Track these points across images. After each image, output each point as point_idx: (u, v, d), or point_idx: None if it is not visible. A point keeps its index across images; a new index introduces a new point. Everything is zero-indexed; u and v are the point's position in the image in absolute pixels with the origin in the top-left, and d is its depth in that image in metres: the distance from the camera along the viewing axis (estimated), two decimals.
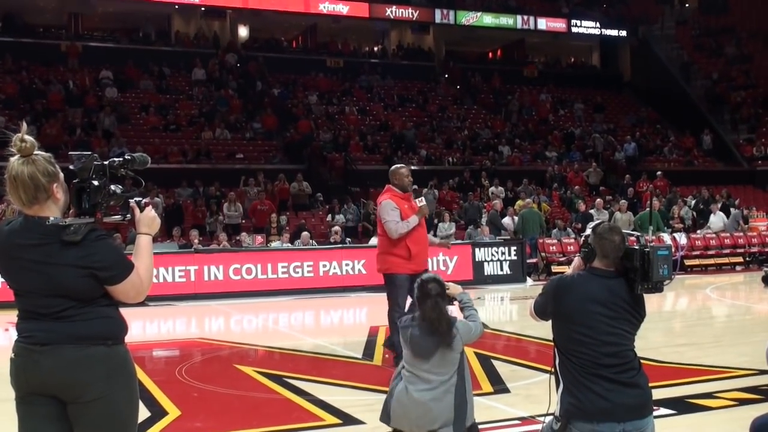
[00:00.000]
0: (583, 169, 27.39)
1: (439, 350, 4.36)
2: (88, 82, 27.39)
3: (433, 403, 4.32)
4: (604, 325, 3.75)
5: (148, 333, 11.86)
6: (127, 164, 3.31)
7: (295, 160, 25.68)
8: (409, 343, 4.44)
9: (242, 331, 12.11)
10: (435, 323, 4.36)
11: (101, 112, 25.22)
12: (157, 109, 26.73)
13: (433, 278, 4.46)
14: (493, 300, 15.49)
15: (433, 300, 4.39)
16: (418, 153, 27.15)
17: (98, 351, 3.06)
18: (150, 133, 25.51)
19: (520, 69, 36.68)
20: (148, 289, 3.20)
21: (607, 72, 38.74)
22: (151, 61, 29.35)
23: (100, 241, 3.08)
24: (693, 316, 13.06)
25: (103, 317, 3.10)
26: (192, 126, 26.45)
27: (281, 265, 16.00)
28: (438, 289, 4.42)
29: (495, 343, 9.95)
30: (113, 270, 3.08)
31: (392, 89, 32.48)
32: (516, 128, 31.05)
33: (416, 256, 7.85)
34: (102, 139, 23.75)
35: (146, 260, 3.22)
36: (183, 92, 28.64)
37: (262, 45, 33.45)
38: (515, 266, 17.72)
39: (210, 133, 25.98)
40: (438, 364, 4.37)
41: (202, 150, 24.64)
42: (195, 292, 15.23)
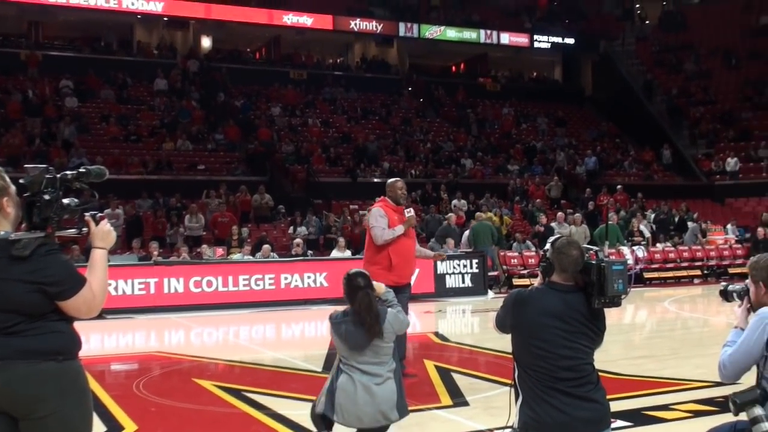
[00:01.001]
0: (545, 182, 27.63)
1: (373, 341, 4.43)
2: (48, 91, 27.08)
3: (378, 388, 4.39)
4: (560, 339, 3.78)
5: (106, 346, 11.71)
6: (81, 177, 3.27)
7: (258, 172, 25.59)
8: (343, 339, 4.49)
9: (202, 345, 12.00)
10: (364, 314, 4.41)
11: (61, 122, 24.93)
12: (118, 119, 26.47)
13: (359, 272, 4.55)
14: (455, 313, 15.52)
15: (363, 291, 4.45)
16: (381, 165, 27.19)
17: (49, 367, 3.01)
18: (110, 144, 25.25)
19: (483, 83, 36.94)
20: (101, 305, 3.15)
21: (568, 86, 39.18)
22: (112, 71, 29.10)
23: (49, 255, 3.04)
24: (652, 328, 13.20)
25: (54, 332, 3.05)
26: (153, 137, 26.24)
27: (242, 277, 15.90)
28: (365, 281, 4.50)
29: (455, 355, 9.97)
30: (63, 285, 3.04)
31: (355, 101, 32.52)
32: (478, 141, 31.24)
33: (397, 266, 7.79)
34: (61, 150, 23.46)
35: (100, 275, 3.17)
36: (144, 102, 28.41)
37: (226, 56, 33.34)
38: (476, 279, 17.79)
39: (171, 143, 25.79)
40: (374, 355, 4.43)
41: (163, 161, 24.45)
42: (155, 304, 15.07)
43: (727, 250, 22.03)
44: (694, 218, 24.65)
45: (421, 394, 7.31)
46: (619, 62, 37.28)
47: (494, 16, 38.44)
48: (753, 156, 30.87)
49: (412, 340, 11.74)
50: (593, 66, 38.78)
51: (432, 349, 10.48)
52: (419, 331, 12.92)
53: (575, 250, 3.89)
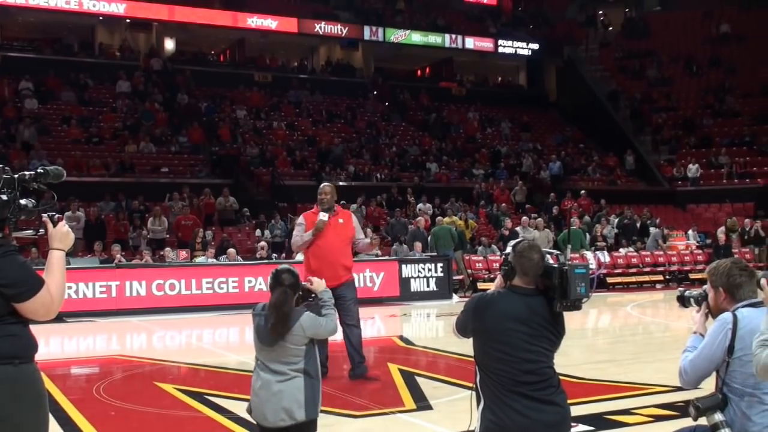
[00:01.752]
0: (510, 186, 27.79)
1: (280, 340, 4.38)
2: (8, 93, 26.67)
3: (279, 385, 4.34)
4: (523, 343, 3.79)
5: (66, 350, 11.56)
6: (39, 177, 3.22)
7: (222, 175, 25.44)
8: (255, 331, 4.46)
9: (165, 348, 11.90)
10: (272, 310, 4.37)
11: (20, 124, 24.56)
12: (80, 121, 26.17)
13: (288, 269, 4.50)
14: (419, 316, 15.55)
15: (281, 289, 4.40)
16: (346, 169, 27.17)
17: (4, 371, 2.96)
18: (71, 146, 24.95)
19: (448, 87, 37.08)
20: (59, 307, 3.11)
21: (533, 91, 39.48)
22: (73, 73, 28.75)
23: (6, 257, 2.99)
24: (614, 333, 13.32)
25: (9, 335, 3.00)
26: (115, 139, 25.97)
27: (206, 280, 15.81)
28: (291, 280, 4.44)
29: (419, 359, 9.98)
30: (20, 287, 2.99)
31: (321, 105, 32.48)
32: (444, 145, 31.35)
33: (317, 270, 7.81)
34: (21, 152, 23.12)
35: (58, 277, 3.13)
36: (106, 104, 28.12)
37: (190, 58, 33.14)
38: (441, 283, 17.85)
39: (134, 146, 25.55)
40: (283, 353, 4.38)
41: (125, 163, 24.21)
42: (116, 308, 14.94)
43: (688, 256, 22.33)
44: (657, 224, 24.94)
45: (384, 397, 7.31)
46: (582, 68, 37.65)
47: (459, 21, 38.63)
48: (714, 162, 31.31)
49: (377, 343, 11.76)
50: (557, 71, 39.11)
51: (396, 352, 10.49)
52: (384, 335, 12.92)
53: (536, 254, 3.90)
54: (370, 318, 14.78)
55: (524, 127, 34.83)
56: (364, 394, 7.43)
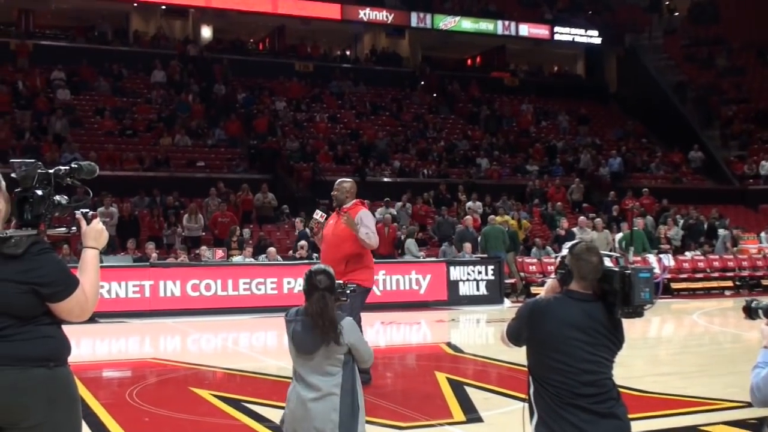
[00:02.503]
0: (566, 184, 27.58)
1: (322, 347, 4.35)
2: (39, 83, 27.17)
3: (313, 404, 4.32)
4: (582, 352, 3.76)
5: (98, 352, 11.75)
6: (73, 173, 3.28)
7: (260, 170, 25.64)
8: (292, 339, 4.44)
9: (200, 352, 12.03)
10: (317, 318, 4.33)
11: (52, 116, 25.02)
12: (113, 112, 26.57)
13: (323, 270, 4.46)
14: (468, 322, 15.51)
15: (319, 293, 4.37)
16: (391, 164, 27.20)
17: (39, 373, 3.02)
18: (105, 139, 25.34)
19: (500, 77, 36.91)
20: (93, 308, 3.17)
21: (592, 82, 39.12)
22: (107, 62, 29.18)
23: (43, 254, 3.05)
24: (679, 343, 13.15)
25: (44, 337, 3.06)
26: (150, 131, 26.32)
27: (243, 281, 15.94)
28: (327, 282, 4.41)
29: (468, 368, 9.96)
30: (56, 286, 3.05)
31: (364, 96, 32.55)
32: (495, 140, 31.22)
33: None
34: (52, 144, 23.56)
35: (92, 276, 3.18)
36: (141, 95, 28.50)
37: (227, 47, 33.42)
38: (492, 286, 17.78)
39: (169, 139, 25.87)
40: (321, 363, 4.36)
41: (160, 157, 24.52)
42: (150, 308, 15.13)
43: (760, 260, 21.92)
44: (726, 225, 24.54)
45: (432, 408, 7.31)
46: (645, 57, 37.18)
47: (512, 7, 38.39)
48: None
49: (423, 350, 11.76)
50: (618, 61, 38.69)
51: (444, 360, 10.48)
52: (431, 341, 12.92)
53: (595, 257, 3.86)
54: (416, 323, 14.80)
55: (582, 120, 34.54)
56: (410, 404, 7.43)
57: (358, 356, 4.48)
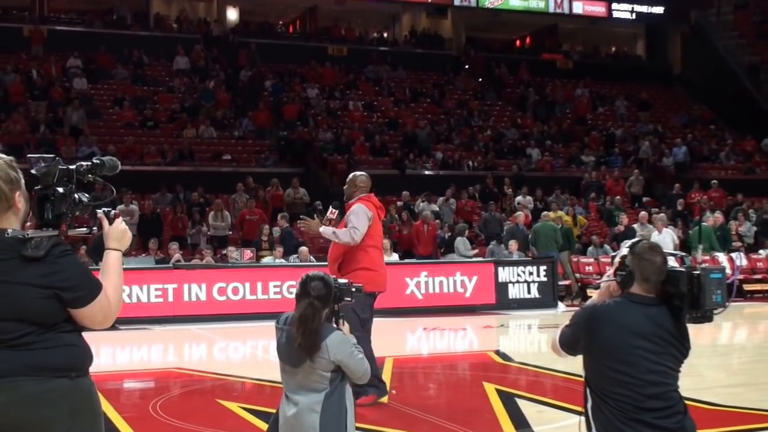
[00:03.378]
0: (625, 176, 27.36)
1: (307, 361, 4.32)
2: (54, 71, 27.52)
3: (293, 420, 4.32)
4: (645, 362, 3.73)
5: (118, 361, 11.87)
6: (95, 169, 3.30)
7: (291, 163, 25.76)
8: (277, 349, 4.45)
9: (227, 361, 12.11)
10: (298, 326, 4.29)
11: (68, 106, 25.33)
12: (133, 102, 26.85)
13: (320, 277, 4.43)
14: (519, 328, 15.45)
15: (308, 301, 4.34)
16: (433, 156, 27.18)
17: (61, 384, 3.04)
18: (124, 131, 25.61)
19: (552, 59, 36.71)
20: (117, 314, 3.19)
21: (653, 64, 38.75)
22: (126, 48, 29.48)
23: (65, 257, 3.07)
24: (752, 350, 13.00)
25: (66, 345, 3.09)
26: (172, 122, 26.56)
27: (273, 284, 15.99)
28: (321, 290, 4.36)
29: (519, 378, 9.93)
30: (79, 291, 3.07)
31: (404, 81, 32.56)
32: (547, 128, 31.06)
33: None
34: (69, 137, 23.86)
35: (115, 280, 3.21)
36: (162, 83, 28.77)
37: (255, 30, 33.60)
38: (545, 289, 17.68)
39: (193, 130, 26.07)
40: (307, 378, 4.34)
41: (183, 150, 24.72)
42: (173, 314, 15.24)
43: None
44: None
45: (480, 421, 7.30)
46: (713, 35, 36.75)
47: None
48: None
49: (470, 359, 11.75)
50: (683, 39, 38.29)
51: (492, 369, 10.46)
52: (477, 349, 12.90)
53: (658, 256, 3.83)
54: (461, 329, 14.79)
55: (643, 105, 34.24)
56: (456, 418, 7.43)
57: (349, 373, 4.42)
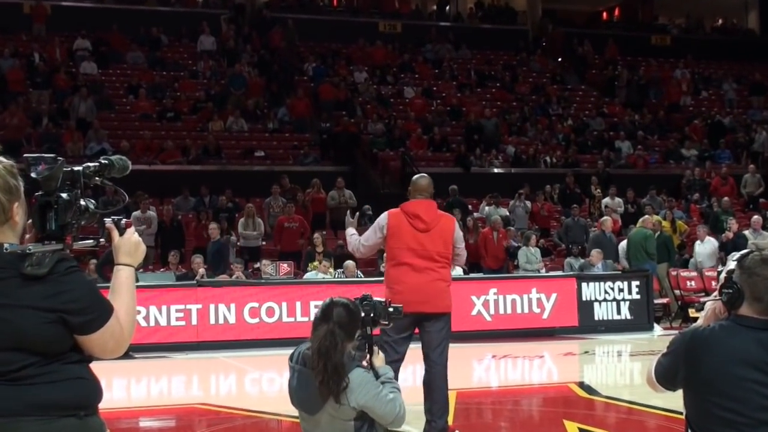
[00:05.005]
0: (736, 173, 27.04)
1: (327, 406, 4.27)
2: (59, 54, 27.82)
3: None
4: (757, 397, 3.70)
5: (134, 396, 11.98)
6: (104, 170, 3.29)
7: (335, 161, 25.81)
8: (289, 393, 4.43)
9: (260, 395, 12.18)
10: (317, 360, 4.24)
11: (75, 95, 25.60)
12: (150, 90, 27.09)
13: (344, 303, 4.41)
14: (607, 355, 15.34)
15: (328, 328, 4.30)
16: (503, 150, 27.09)
17: (69, 425, 3.04)
18: (140, 124, 25.88)
19: (646, 35, 36.41)
20: (130, 340, 3.16)
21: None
22: (142, 26, 29.73)
23: (71, 274, 3.05)
24: None
25: (73, 378, 3.08)
26: (196, 113, 26.78)
27: (315, 303, 15.99)
28: (344, 317, 4.34)
29: (607, 416, 9.87)
30: (89, 314, 3.05)
31: (468, 63, 32.53)
32: (640, 116, 30.79)
33: None
34: (75, 132, 24.09)
35: (127, 301, 3.20)
36: (185, 67, 29.03)
37: (292, 4, 33.69)
38: (638, 308, 17.53)
39: (220, 123, 26.23)
40: (329, 426, 4.30)
41: (209, 146, 24.85)
42: (198, 339, 15.33)
43: None
44: None
45: None
46: None
47: None
48: None
49: (548, 392, 11.70)
50: None
51: (575, 405, 10.40)
52: (557, 381, 12.83)
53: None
54: (537, 357, 14.71)
55: (756, 88, 33.82)
56: None
57: (377, 419, 4.38)
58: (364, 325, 4.50)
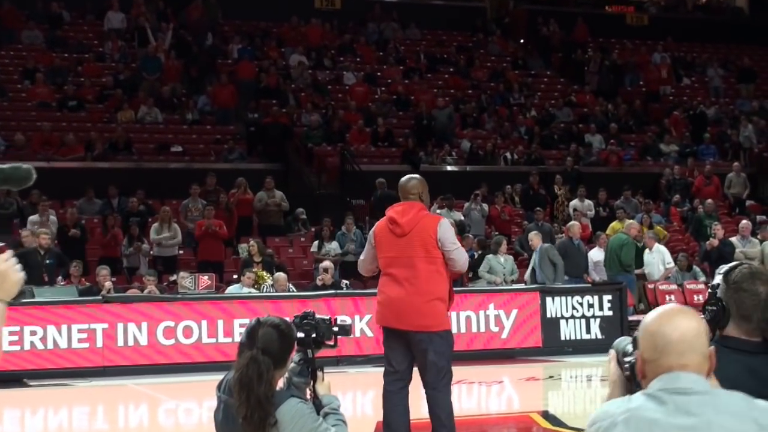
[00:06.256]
0: (721, 172, 27.29)
1: None
2: None
3: None
4: None
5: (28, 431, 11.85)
6: None
7: (265, 157, 25.73)
8: (215, 425, 4.46)
9: (177, 428, 12.11)
10: (239, 393, 4.23)
11: None
12: (50, 75, 26.85)
13: (275, 324, 4.35)
14: (575, 380, 15.42)
15: (250, 355, 4.27)
16: (458, 145, 27.16)
17: None
18: (37, 113, 25.62)
19: (620, 12, 36.72)
20: None
21: (759, 20, 38.67)
22: (40, 0, 29.43)
23: None
24: None
25: None
26: (103, 102, 26.60)
27: (240, 322, 15.92)
28: (271, 341, 4.28)
29: None
30: None
31: (417, 45, 32.61)
32: (613, 106, 30.99)
33: None
34: None
35: None
36: (90, 49, 28.77)
37: None
38: (611, 326, 17.57)
39: (131, 113, 26.04)
40: None
41: (118, 140, 24.65)
42: (104, 364, 15.19)
43: None
44: None
45: None
46: None
47: None
48: None
49: (507, 422, 11.72)
50: None
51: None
52: (518, 410, 12.88)
53: (763, 286, 3.81)
54: (495, 382, 14.75)
55: (744, 75, 34.19)
56: None
57: None
58: (304, 347, 4.43)
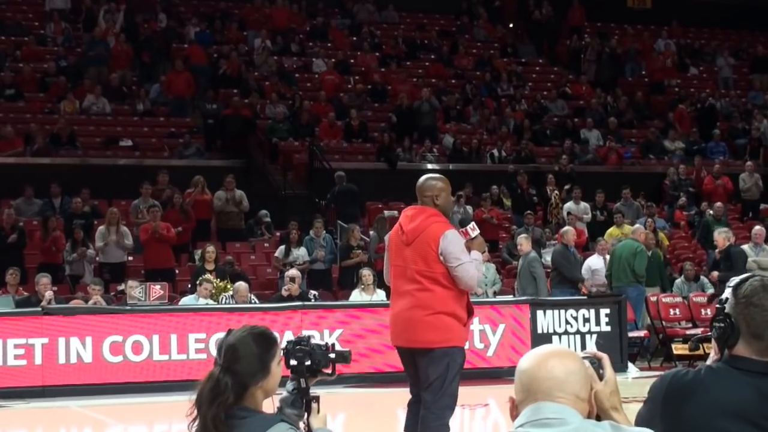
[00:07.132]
0: (732, 172, 27.36)
1: None
2: None
3: None
4: None
5: None
6: None
7: (224, 152, 25.71)
8: None
9: None
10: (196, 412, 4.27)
11: None
12: None
13: (243, 335, 4.35)
14: None
15: (213, 382, 4.36)
16: (440, 141, 27.18)
17: None
18: None
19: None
20: None
21: None
22: None
23: None
24: None
25: None
26: (44, 91, 26.56)
27: (195, 336, 15.93)
28: (241, 355, 4.27)
29: None
30: None
31: (395, 29, 32.66)
32: (612, 98, 31.06)
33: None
34: None
35: None
36: (29, 31, 28.74)
37: None
38: (608, 343, 17.60)
39: (75, 103, 25.98)
40: None
41: (61, 133, 24.59)
42: (43, 384, 15.15)
43: None
44: None
45: None
46: None
47: None
48: None
49: None
50: None
51: None
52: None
53: None
54: (480, 405, 14.76)
55: (758, 64, 34.31)
56: None
57: None
58: (298, 376, 4.43)
